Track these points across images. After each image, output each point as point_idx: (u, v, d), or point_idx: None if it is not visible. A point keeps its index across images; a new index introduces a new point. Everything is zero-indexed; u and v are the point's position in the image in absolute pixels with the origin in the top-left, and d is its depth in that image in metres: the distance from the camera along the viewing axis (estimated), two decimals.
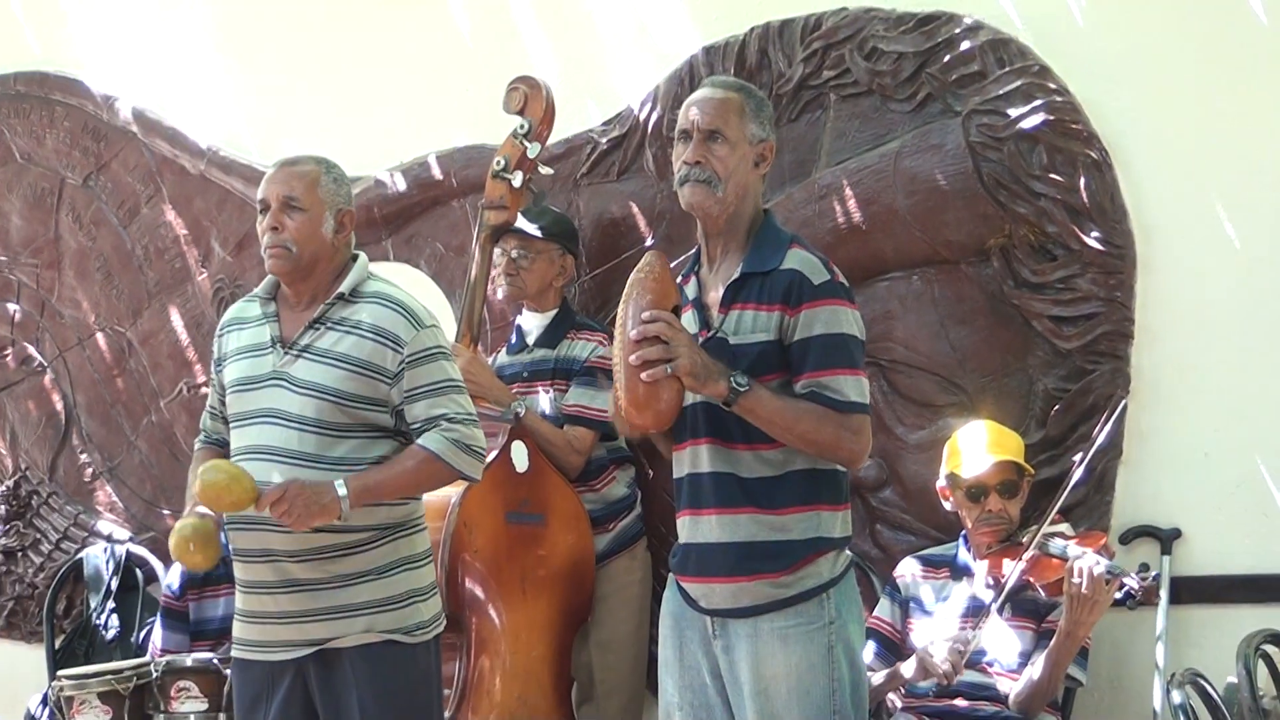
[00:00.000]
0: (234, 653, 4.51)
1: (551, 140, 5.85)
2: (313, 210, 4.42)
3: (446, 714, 5.05)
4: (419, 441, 4.30)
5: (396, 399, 4.33)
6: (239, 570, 4.47)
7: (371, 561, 4.32)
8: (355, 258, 4.50)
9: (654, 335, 3.83)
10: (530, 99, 5.56)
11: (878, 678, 4.81)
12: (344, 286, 4.39)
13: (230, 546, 4.49)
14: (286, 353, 4.38)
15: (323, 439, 4.30)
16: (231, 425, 4.49)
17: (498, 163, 5.55)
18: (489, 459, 5.18)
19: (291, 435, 4.32)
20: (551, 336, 5.62)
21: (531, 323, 5.70)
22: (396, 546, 4.37)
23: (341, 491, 4.19)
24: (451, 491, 5.06)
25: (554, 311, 5.67)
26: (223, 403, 4.55)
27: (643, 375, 3.83)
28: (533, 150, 5.53)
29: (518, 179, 5.53)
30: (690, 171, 4.02)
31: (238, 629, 4.50)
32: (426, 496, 4.57)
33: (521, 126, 5.54)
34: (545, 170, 5.65)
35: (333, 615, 4.32)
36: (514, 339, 5.75)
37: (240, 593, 4.49)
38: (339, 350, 4.33)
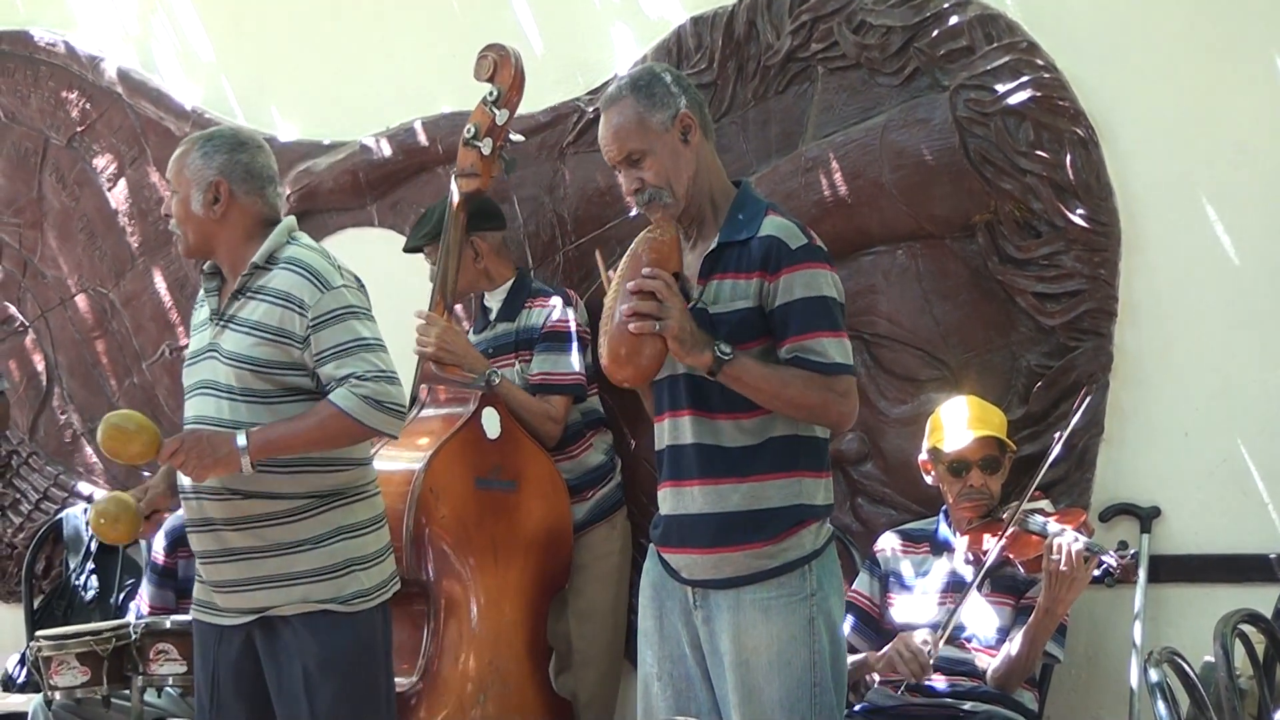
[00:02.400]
0: (191, 613, 4.61)
1: (538, 109, 5.86)
2: (181, 191, 4.46)
3: (414, 678, 5.08)
4: (328, 397, 4.30)
5: (309, 362, 4.34)
6: (189, 539, 4.56)
7: (307, 530, 4.36)
8: (278, 223, 4.50)
9: (650, 290, 3.83)
10: (500, 66, 5.51)
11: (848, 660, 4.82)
12: (257, 256, 4.40)
13: (184, 516, 4.57)
14: (217, 324, 4.43)
15: (252, 406, 4.34)
16: (185, 398, 4.54)
17: (468, 130, 5.52)
18: (457, 425, 5.21)
19: (223, 405, 4.37)
20: (510, 309, 5.63)
21: (492, 299, 5.72)
22: (333, 515, 4.39)
23: (241, 443, 4.23)
24: (416, 458, 5.07)
25: (509, 283, 5.68)
26: None
27: (630, 325, 3.83)
28: (501, 117, 5.49)
29: (488, 146, 5.50)
30: (639, 199, 4.05)
31: (196, 590, 4.59)
32: (390, 464, 4.58)
33: (491, 94, 5.51)
34: (516, 137, 5.62)
35: (270, 584, 4.37)
36: (479, 317, 5.76)
37: (195, 558, 4.57)
38: (254, 319, 4.36)
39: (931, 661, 4.66)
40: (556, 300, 5.56)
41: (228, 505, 4.35)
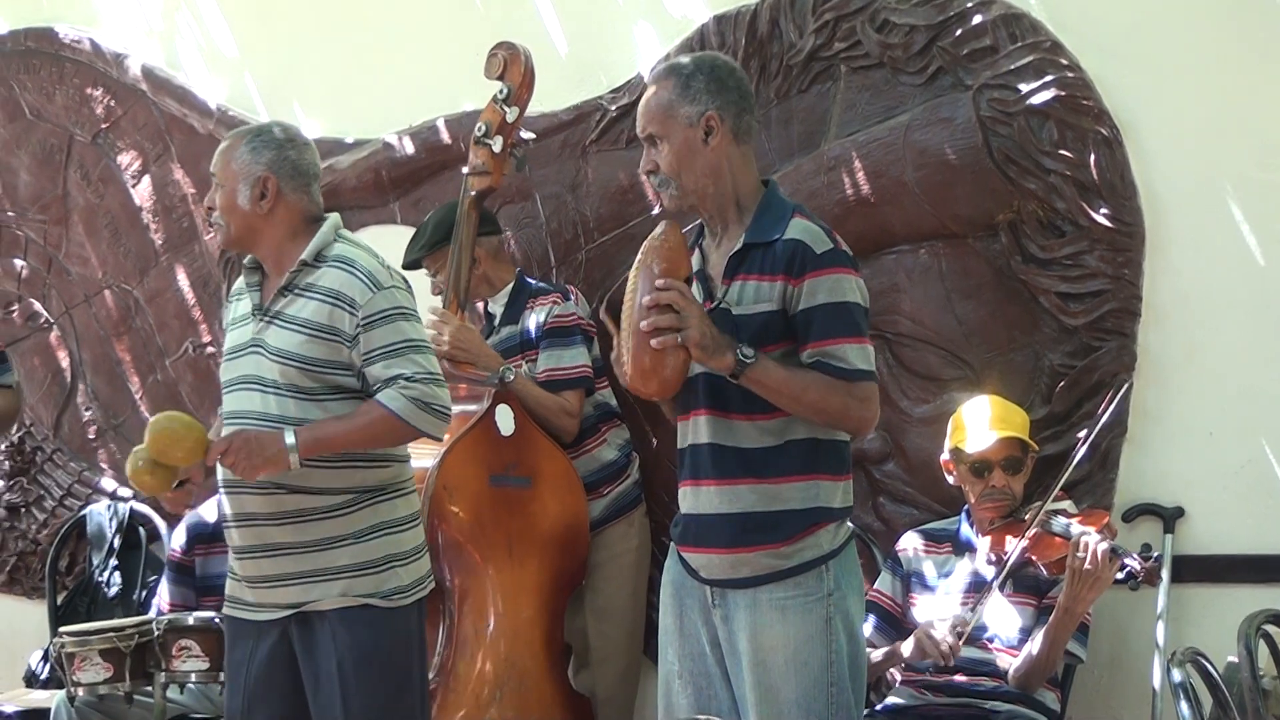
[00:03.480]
0: (225, 610, 4.60)
1: (561, 107, 5.85)
2: (227, 184, 4.46)
3: (431, 675, 5.08)
4: (377, 397, 4.32)
5: (357, 361, 4.35)
6: (227, 534, 4.56)
7: (349, 525, 4.36)
8: (324, 220, 4.50)
9: (666, 303, 3.83)
10: (509, 64, 5.51)
11: (876, 654, 4.81)
12: (306, 253, 4.40)
13: (221, 511, 4.56)
14: (261, 319, 4.43)
15: (299, 403, 4.35)
16: (223, 392, 4.54)
17: (479, 129, 5.52)
18: (471, 422, 5.21)
19: (269, 400, 4.37)
20: (513, 312, 5.64)
21: (495, 304, 5.72)
22: (376, 510, 4.39)
23: (290, 441, 4.24)
24: (430, 454, 5.08)
25: (510, 286, 5.68)
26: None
27: (653, 342, 3.82)
28: (511, 115, 5.50)
29: (498, 144, 5.50)
30: (652, 180, 4.08)
31: (228, 586, 4.58)
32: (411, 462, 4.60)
33: (501, 91, 5.51)
34: (526, 135, 5.62)
35: (310, 579, 4.37)
36: (485, 323, 5.76)
37: (230, 554, 4.57)
38: (303, 316, 4.36)
39: (962, 641, 4.65)
40: (555, 297, 5.56)
41: (271, 500, 4.35)
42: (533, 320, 5.57)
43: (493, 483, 5.29)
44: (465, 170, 5.55)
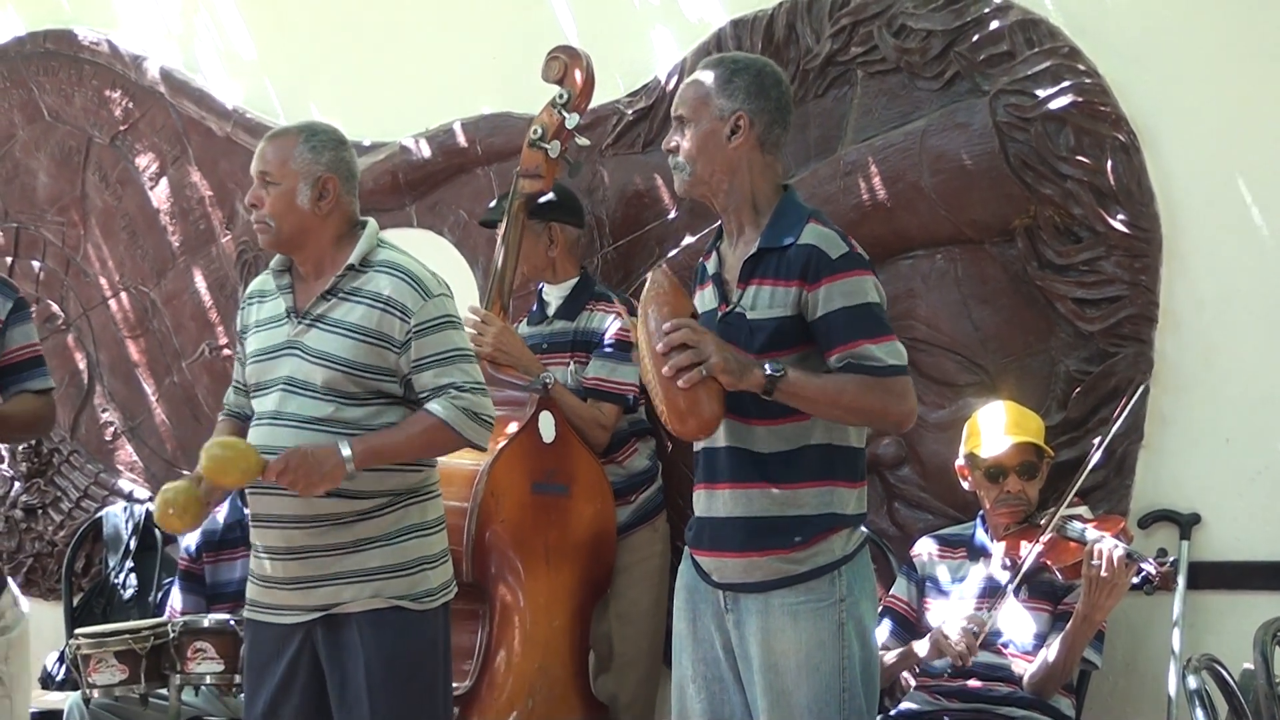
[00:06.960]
0: (246, 613, 4.56)
1: None
2: (285, 183, 4.40)
3: (468, 683, 5.10)
4: (427, 407, 4.30)
5: (405, 368, 4.33)
6: (253, 534, 4.52)
7: (381, 528, 4.34)
8: (365, 224, 4.48)
9: (679, 343, 3.82)
10: (570, 69, 5.52)
11: (890, 656, 4.82)
12: (353, 257, 4.38)
13: (248, 511, 4.53)
14: (300, 322, 4.40)
15: (337, 406, 4.32)
16: (252, 395, 4.50)
17: (535, 132, 5.52)
18: (516, 428, 5.22)
19: (306, 402, 4.34)
20: (571, 308, 5.61)
21: (551, 294, 5.69)
22: (407, 513, 4.38)
23: (346, 453, 4.21)
24: (479, 460, 5.07)
25: (572, 282, 5.66)
26: (245, 376, 4.57)
27: (679, 382, 3.81)
28: (571, 121, 5.49)
29: (555, 149, 5.50)
30: (670, 159, 4.09)
31: (250, 590, 4.54)
32: (454, 464, 4.58)
33: (561, 96, 5.51)
34: (582, 141, 5.63)
35: (340, 580, 4.34)
36: (535, 309, 5.74)
37: (253, 556, 4.53)
38: (350, 320, 4.34)
39: (979, 641, 4.65)
40: (622, 308, 5.53)
41: (304, 502, 4.29)
42: (592, 323, 5.56)
43: (535, 490, 5.29)
44: (517, 172, 5.55)
